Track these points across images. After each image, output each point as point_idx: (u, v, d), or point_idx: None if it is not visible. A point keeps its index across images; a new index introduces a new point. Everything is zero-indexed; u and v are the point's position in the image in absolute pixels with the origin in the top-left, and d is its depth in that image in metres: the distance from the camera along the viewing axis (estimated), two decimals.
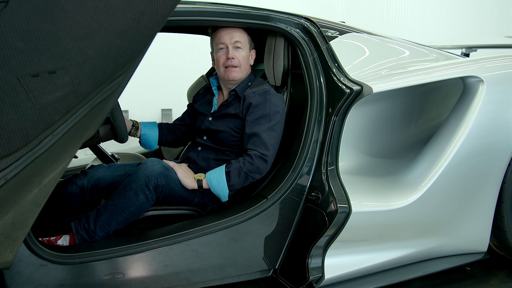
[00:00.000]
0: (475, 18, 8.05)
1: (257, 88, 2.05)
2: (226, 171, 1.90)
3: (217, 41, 2.05)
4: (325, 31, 2.06)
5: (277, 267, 1.96)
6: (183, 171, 1.93)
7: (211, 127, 2.09)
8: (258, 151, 1.92)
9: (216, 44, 2.07)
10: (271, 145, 1.94)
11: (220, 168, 1.92)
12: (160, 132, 2.31)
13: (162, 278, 1.75)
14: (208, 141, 2.10)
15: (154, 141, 2.30)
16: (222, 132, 2.05)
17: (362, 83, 1.91)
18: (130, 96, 4.96)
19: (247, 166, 1.90)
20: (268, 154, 1.92)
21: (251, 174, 1.90)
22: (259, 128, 1.95)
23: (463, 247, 2.21)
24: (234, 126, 2.05)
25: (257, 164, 1.90)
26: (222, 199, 1.92)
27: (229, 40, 2.03)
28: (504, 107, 2.09)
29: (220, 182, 1.89)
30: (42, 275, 1.57)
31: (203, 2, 1.93)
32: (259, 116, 1.97)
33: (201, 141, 2.13)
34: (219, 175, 1.90)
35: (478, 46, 2.91)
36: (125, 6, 0.87)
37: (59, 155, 1.02)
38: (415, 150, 2.19)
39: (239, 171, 1.89)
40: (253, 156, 1.91)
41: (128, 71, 1.01)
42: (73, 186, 1.94)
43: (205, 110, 2.19)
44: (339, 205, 1.81)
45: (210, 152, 2.09)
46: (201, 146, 2.13)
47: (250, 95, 2.02)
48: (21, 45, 0.81)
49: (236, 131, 2.04)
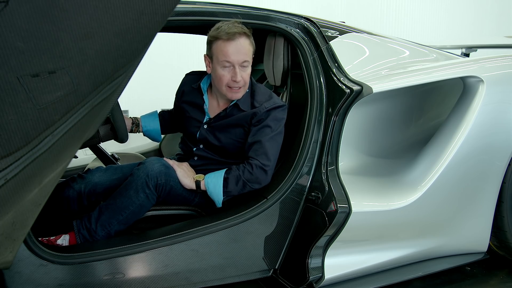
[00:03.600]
0: (475, 18, 8.05)
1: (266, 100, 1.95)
2: (224, 177, 1.87)
3: (221, 56, 1.83)
4: (325, 31, 2.06)
5: (277, 267, 1.96)
6: (182, 170, 1.91)
7: (209, 138, 2.00)
8: (260, 161, 1.88)
9: (219, 58, 1.84)
10: (272, 155, 1.91)
11: (220, 172, 1.91)
12: (161, 122, 2.28)
13: (162, 278, 1.75)
14: (206, 151, 2.04)
15: (157, 134, 2.26)
16: (224, 144, 1.99)
17: (362, 83, 1.91)
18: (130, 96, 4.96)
19: (246, 175, 1.87)
20: (269, 164, 1.89)
21: (249, 184, 1.88)
22: (262, 136, 1.91)
23: (463, 247, 2.21)
24: (237, 137, 1.98)
25: (256, 174, 1.88)
26: (217, 205, 1.91)
27: (236, 59, 1.83)
28: (504, 107, 2.09)
29: (216, 187, 1.87)
30: (42, 275, 1.57)
31: (203, 2, 1.93)
32: (264, 125, 1.93)
33: (198, 152, 2.04)
34: (217, 180, 1.88)
35: (478, 46, 2.91)
36: (125, 6, 0.87)
37: (59, 155, 1.02)
38: (415, 150, 2.19)
39: (237, 179, 1.87)
40: (253, 166, 1.88)
41: (128, 71, 1.01)
42: (70, 190, 1.92)
43: (197, 115, 2.06)
44: (339, 205, 1.81)
45: (210, 162, 2.03)
46: (197, 156, 2.05)
47: (262, 110, 1.92)
48: (21, 45, 0.81)
49: (239, 141, 1.98)
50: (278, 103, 1.96)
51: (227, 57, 1.82)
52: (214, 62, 1.88)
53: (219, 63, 1.85)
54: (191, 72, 2.20)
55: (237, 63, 1.83)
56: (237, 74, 1.84)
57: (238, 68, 1.84)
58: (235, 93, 1.90)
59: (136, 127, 2.21)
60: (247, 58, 1.85)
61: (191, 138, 2.08)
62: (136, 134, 2.29)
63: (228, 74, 1.85)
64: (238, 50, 1.82)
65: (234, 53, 1.81)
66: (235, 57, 1.82)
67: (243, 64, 1.85)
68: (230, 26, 1.82)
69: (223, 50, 1.82)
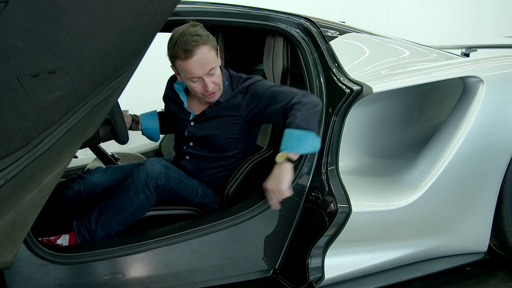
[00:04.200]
0: (475, 18, 8.06)
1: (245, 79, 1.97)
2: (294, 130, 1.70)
3: (187, 74, 1.80)
4: (325, 31, 2.06)
5: (277, 267, 1.96)
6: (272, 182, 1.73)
7: (197, 132, 1.99)
8: (295, 96, 1.77)
9: (185, 75, 1.81)
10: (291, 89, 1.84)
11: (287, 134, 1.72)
12: (161, 122, 2.28)
13: (162, 278, 1.75)
14: (196, 148, 2.03)
15: (156, 133, 2.26)
16: (213, 136, 1.97)
17: (362, 83, 1.91)
18: (130, 96, 4.96)
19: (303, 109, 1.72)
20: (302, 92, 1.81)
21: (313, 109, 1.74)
22: (273, 90, 1.86)
23: (463, 247, 2.21)
24: (225, 126, 1.95)
25: (306, 100, 1.75)
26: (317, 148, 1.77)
27: (202, 72, 1.78)
28: (504, 107, 2.09)
29: (301, 139, 1.69)
30: (42, 275, 1.57)
31: (203, 2, 1.93)
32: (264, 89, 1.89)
33: (188, 150, 2.04)
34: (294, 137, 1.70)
35: (478, 46, 2.91)
36: (125, 6, 0.87)
37: (59, 155, 1.02)
38: (415, 150, 2.19)
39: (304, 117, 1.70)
40: (296, 102, 1.74)
41: (128, 71, 1.01)
42: (69, 190, 1.92)
43: (182, 114, 2.05)
44: (339, 205, 1.81)
45: (202, 160, 2.03)
46: (188, 155, 2.05)
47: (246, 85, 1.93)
48: (21, 45, 0.81)
49: (227, 131, 1.95)
50: (258, 78, 1.96)
51: (192, 74, 1.79)
52: (182, 77, 1.86)
53: (186, 79, 1.84)
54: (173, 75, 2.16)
55: (203, 75, 1.80)
56: (207, 84, 1.81)
57: (207, 77, 1.81)
58: (212, 97, 1.89)
59: (136, 124, 2.21)
60: (212, 65, 1.80)
61: (181, 137, 2.09)
62: (136, 134, 2.29)
63: (199, 85, 1.83)
64: (200, 64, 1.77)
65: (198, 69, 1.77)
66: (200, 71, 1.78)
67: (210, 72, 1.80)
68: (185, 41, 1.73)
69: (186, 68, 1.78)
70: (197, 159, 2.04)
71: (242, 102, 1.94)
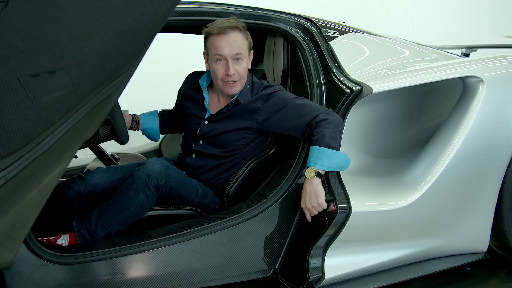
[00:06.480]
0: (475, 18, 8.06)
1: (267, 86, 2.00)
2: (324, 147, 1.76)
3: (213, 50, 1.86)
4: (325, 31, 2.06)
5: (277, 267, 1.96)
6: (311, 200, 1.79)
7: (210, 130, 2.00)
8: (320, 112, 1.83)
9: (212, 52, 1.87)
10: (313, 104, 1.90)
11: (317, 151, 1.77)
12: (161, 122, 2.28)
13: (162, 278, 1.75)
14: (204, 146, 2.03)
15: (155, 133, 2.27)
16: (224, 134, 1.98)
17: (362, 83, 1.91)
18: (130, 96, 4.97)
19: (330, 127, 1.78)
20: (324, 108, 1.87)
21: (337, 129, 1.80)
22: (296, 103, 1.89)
23: (463, 247, 2.21)
24: (238, 126, 1.96)
25: (332, 118, 1.81)
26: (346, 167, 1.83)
27: (228, 53, 1.84)
28: (504, 107, 2.09)
29: (332, 157, 1.76)
30: (42, 275, 1.57)
31: (203, 2, 1.93)
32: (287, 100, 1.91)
33: (196, 148, 2.05)
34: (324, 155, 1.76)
35: (478, 46, 2.91)
36: (125, 6, 0.87)
37: (59, 155, 1.02)
38: (415, 150, 2.19)
39: (331, 136, 1.77)
40: (323, 119, 1.81)
41: (128, 71, 1.01)
42: (69, 191, 1.91)
43: (198, 112, 2.07)
44: (339, 205, 1.81)
45: (208, 159, 2.03)
46: (195, 153, 2.06)
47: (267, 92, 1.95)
48: (21, 45, 0.81)
49: (238, 132, 1.96)
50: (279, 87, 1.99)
51: (219, 51, 1.84)
52: (209, 58, 1.91)
53: (213, 57, 1.88)
54: (193, 72, 2.23)
55: (229, 57, 1.85)
56: (230, 68, 1.85)
57: (231, 61, 1.85)
58: (231, 87, 1.91)
59: (136, 124, 2.22)
60: (240, 51, 1.85)
61: (191, 135, 2.09)
62: (136, 134, 2.29)
63: (221, 68, 1.87)
64: (229, 44, 1.83)
65: (225, 47, 1.83)
66: (226, 50, 1.83)
67: (236, 57, 1.86)
68: (223, 21, 1.84)
69: (214, 44, 1.84)
70: (204, 157, 2.04)
71: (261, 108, 1.94)
